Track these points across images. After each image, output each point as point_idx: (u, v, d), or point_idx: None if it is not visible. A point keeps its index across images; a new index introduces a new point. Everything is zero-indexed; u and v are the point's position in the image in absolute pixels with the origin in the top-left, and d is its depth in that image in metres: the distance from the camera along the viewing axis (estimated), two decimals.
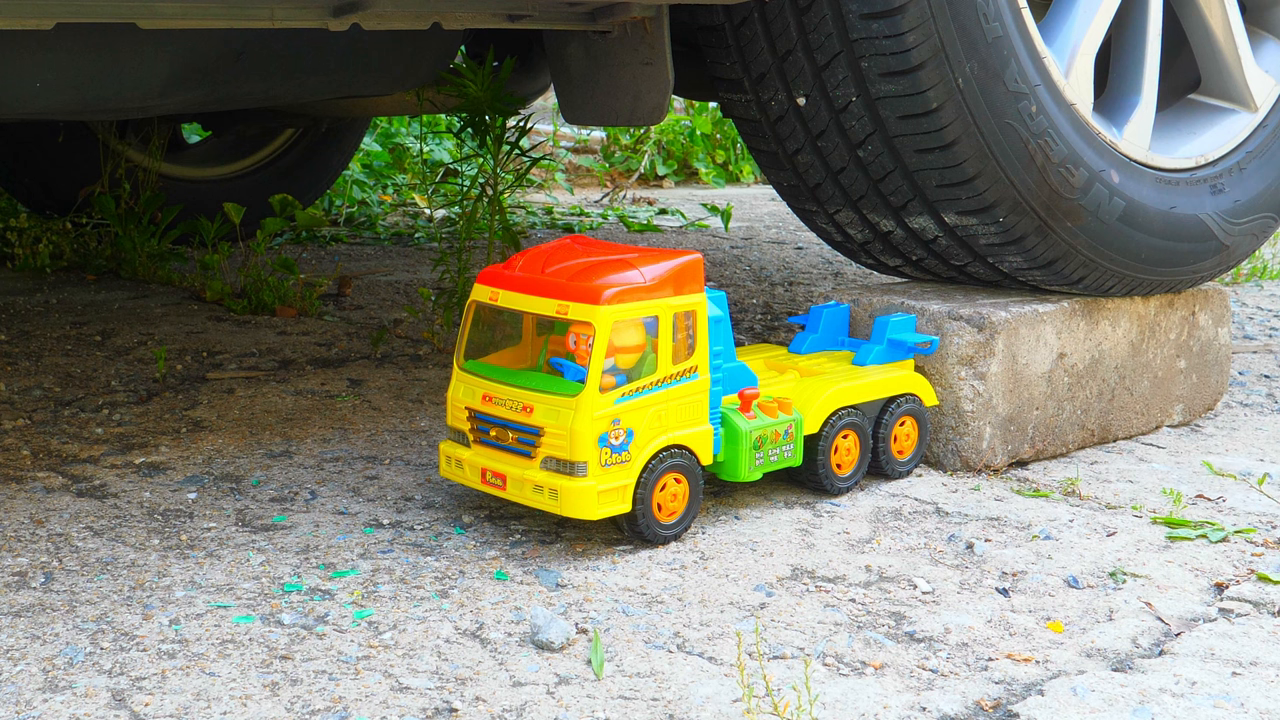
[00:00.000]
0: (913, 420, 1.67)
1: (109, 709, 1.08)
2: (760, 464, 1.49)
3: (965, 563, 1.44)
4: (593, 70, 1.77)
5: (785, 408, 1.52)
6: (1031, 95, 1.67)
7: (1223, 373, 2.01)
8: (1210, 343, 1.98)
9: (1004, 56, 1.64)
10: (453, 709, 1.10)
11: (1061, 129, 1.70)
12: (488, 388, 1.44)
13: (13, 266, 2.89)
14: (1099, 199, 1.73)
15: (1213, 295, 1.98)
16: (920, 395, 1.67)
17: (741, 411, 1.49)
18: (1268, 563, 1.46)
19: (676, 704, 1.12)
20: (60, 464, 1.66)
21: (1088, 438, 1.83)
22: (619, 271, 1.40)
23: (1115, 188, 1.75)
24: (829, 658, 1.21)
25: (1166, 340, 1.91)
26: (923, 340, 1.68)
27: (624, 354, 1.38)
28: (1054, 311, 1.76)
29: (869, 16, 1.59)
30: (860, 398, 1.60)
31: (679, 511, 1.44)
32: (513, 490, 1.41)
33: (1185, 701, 1.15)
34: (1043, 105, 1.68)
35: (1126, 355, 1.86)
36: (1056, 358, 1.77)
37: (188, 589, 1.31)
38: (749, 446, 1.48)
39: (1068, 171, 1.70)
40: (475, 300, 1.47)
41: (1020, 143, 1.66)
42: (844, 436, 1.59)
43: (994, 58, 1.63)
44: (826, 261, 3.32)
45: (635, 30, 1.70)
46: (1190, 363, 1.95)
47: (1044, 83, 1.68)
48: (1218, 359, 2.00)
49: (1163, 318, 1.90)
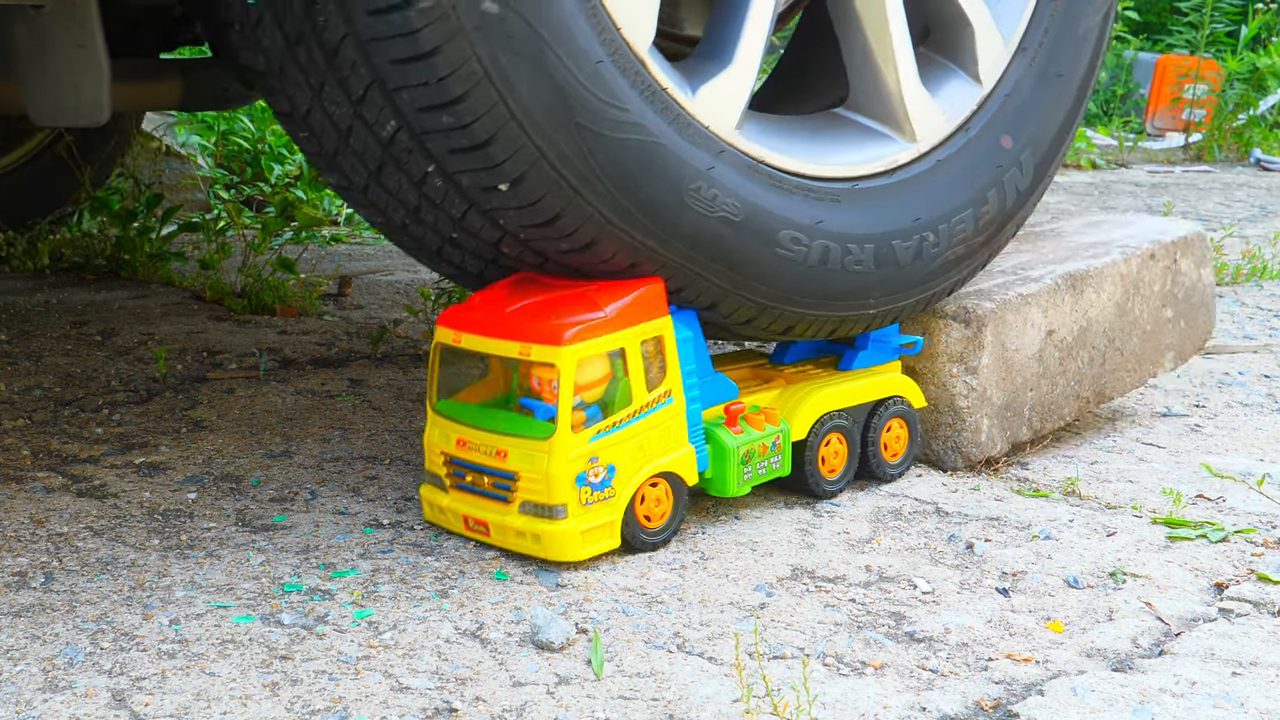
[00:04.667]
0: (902, 422, 1.66)
1: (109, 709, 1.08)
2: (749, 478, 1.49)
3: (965, 563, 1.44)
4: (40, 56, 1.49)
5: (771, 418, 1.51)
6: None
7: (1209, 313, 2.01)
8: (1195, 285, 1.97)
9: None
10: (453, 709, 1.10)
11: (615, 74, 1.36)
12: (461, 432, 1.42)
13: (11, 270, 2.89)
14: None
15: (1191, 239, 1.96)
16: (908, 397, 1.66)
17: (728, 426, 1.48)
18: (1268, 563, 1.46)
19: (676, 704, 1.12)
20: (60, 464, 1.66)
21: (1083, 405, 1.83)
22: (579, 309, 1.37)
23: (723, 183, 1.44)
24: (829, 658, 1.21)
25: (1151, 294, 1.90)
26: (907, 341, 1.67)
27: (591, 389, 1.36)
28: (1039, 291, 1.75)
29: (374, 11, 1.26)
30: (846, 402, 1.59)
31: (665, 515, 1.44)
32: (496, 537, 1.40)
33: (1185, 701, 1.15)
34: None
35: (1113, 318, 1.85)
36: (1045, 335, 1.76)
37: (188, 589, 1.31)
38: (737, 462, 1.47)
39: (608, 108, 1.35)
40: (439, 342, 1.44)
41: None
42: (831, 441, 1.58)
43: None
44: None
45: (65, 3, 1.42)
46: (1177, 309, 1.95)
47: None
48: (1203, 300, 1.99)
49: (1145, 272, 1.89)
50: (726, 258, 1.44)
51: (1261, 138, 6.33)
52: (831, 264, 1.52)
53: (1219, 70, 6.36)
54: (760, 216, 1.46)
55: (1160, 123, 6.76)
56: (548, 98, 1.29)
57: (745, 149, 1.47)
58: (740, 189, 1.45)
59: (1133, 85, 6.93)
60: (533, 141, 1.30)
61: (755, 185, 1.47)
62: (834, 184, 1.55)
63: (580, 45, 1.31)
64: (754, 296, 1.48)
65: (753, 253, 1.46)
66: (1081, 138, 5.83)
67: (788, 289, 1.50)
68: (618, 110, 1.34)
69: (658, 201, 1.38)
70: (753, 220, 1.45)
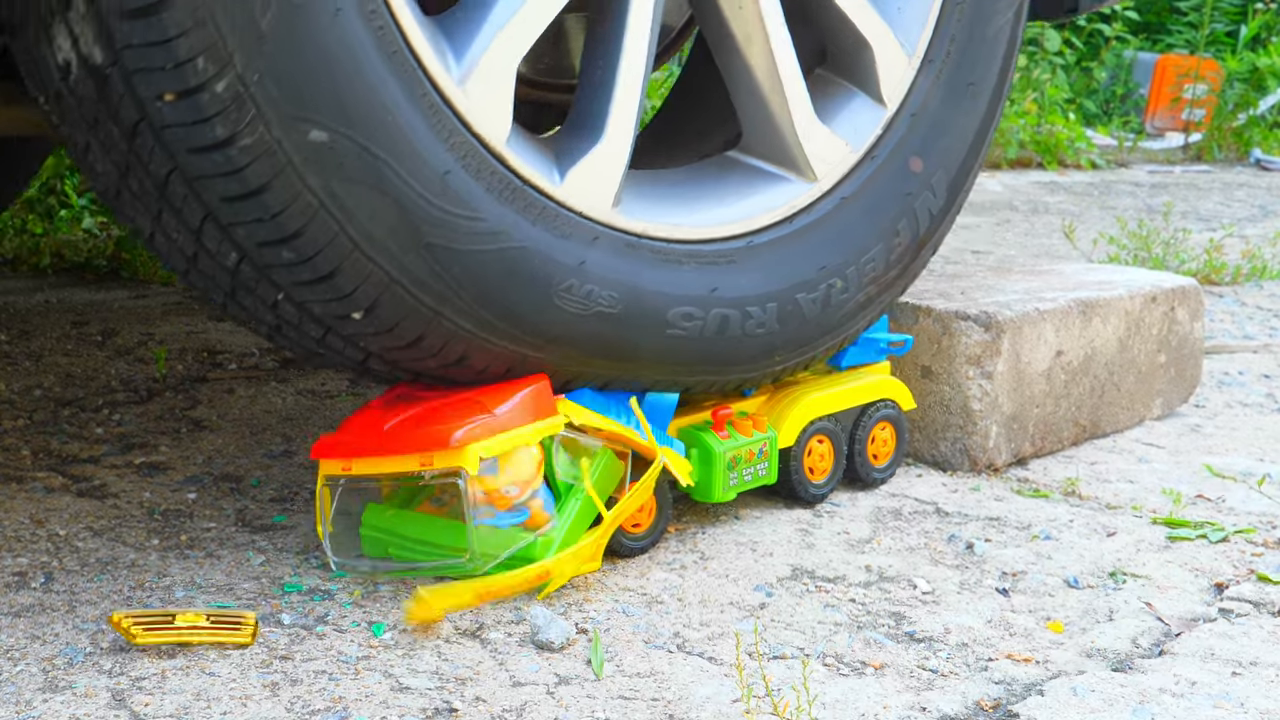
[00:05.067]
0: (890, 426, 1.65)
1: (109, 709, 1.08)
2: (735, 484, 1.46)
3: (965, 563, 1.44)
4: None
5: (759, 425, 1.49)
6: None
7: (1197, 365, 2.03)
8: (1186, 337, 1.99)
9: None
10: (453, 709, 1.10)
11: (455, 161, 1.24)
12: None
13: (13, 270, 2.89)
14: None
15: (1189, 290, 1.99)
16: (897, 400, 1.65)
17: (715, 430, 1.46)
18: (1268, 563, 1.46)
19: (676, 704, 1.12)
20: (60, 464, 1.66)
21: (1080, 434, 1.84)
22: (472, 412, 1.29)
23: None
24: (829, 658, 1.21)
25: (1150, 336, 1.92)
26: (896, 339, 1.66)
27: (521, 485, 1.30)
28: (1054, 310, 1.77)
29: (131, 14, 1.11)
30: (834, 407, 1.58)
31: (645, 525, 1.42)
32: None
33: (1185, 701, 1.15)
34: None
35: (1115, 352, 1.87)
36: (1055, 355, 1.77)
37: (188, 589, 1.31)
38: (723, 467, 1.45)
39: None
40: (326, 475, 1.33)
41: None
42: (819, 442, 1.57)
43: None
44: None
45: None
46: (1170, 357, 1.97)
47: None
48: (1193, 352, 2.02)
49: (1147, 313, 1.91)
50: (609, 351, 1.36)
51: (1261, 138, 6.33)
52: (731, 332, 1.43)
53: (1219, 70, 6.36)
54: (645, 300, 1.36)
55: (1160, 123, 6.76)
56: (392, 221, 1.20)
57: (624, 226, 1.36)
58: (619, 274, 1.35)
59: (1132, 85, 6.93)
60: (381, 268, 1.21)
61: (637, 265, 1.36)
62: (728, 244, 1.44)
63: (424, 158, 1.20)
64: (647, 376, 1.41)
65: (639, 340, 1.37)
66: (1081, 138, 5.83)
67: (683, 365, 1.42)
68: (472, 221, 1.24)
69: (526, 309, 1.29)
70: (636, 306, 1.36)
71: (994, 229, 3.95)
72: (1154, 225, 3.54)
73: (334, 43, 1.15)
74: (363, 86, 1.17)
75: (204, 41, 1.10)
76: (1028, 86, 5.84)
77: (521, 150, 1.29)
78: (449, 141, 1.23)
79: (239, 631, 1.19)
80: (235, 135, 1.13)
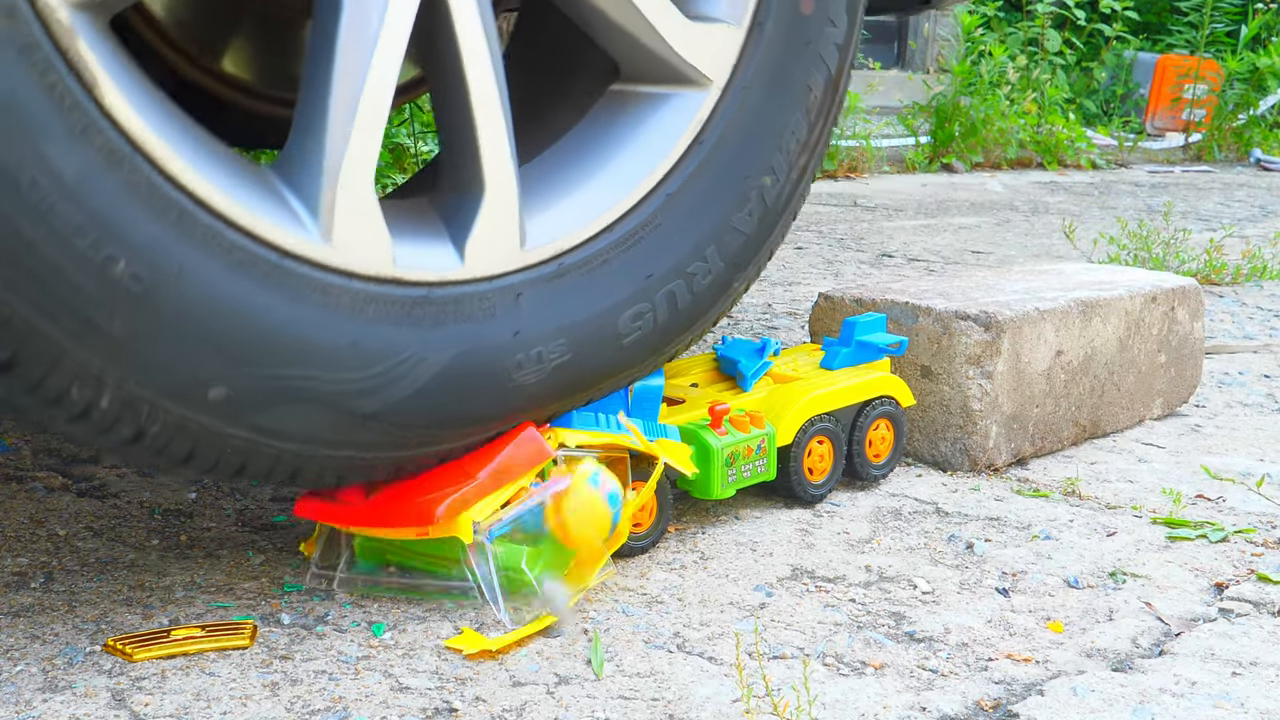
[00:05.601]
0: (888, 423, 1.65)
1: (109, 709, 1.08)
2: (733, 480, 1.46)
3: (965, 563, 1.44)
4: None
5: (757, 421, 1.49)
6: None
7: (1197, 366, 2.03)
8: (1187, 336, 2.00)
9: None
10: (453, 709, 1.10)
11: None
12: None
13: None
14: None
15: (1189, 290, 1.99)
16: (897, 396, 1.65)
17: (712, 427, 1.46)
18: (1268, 563, 1.46)
19: (676, 704, 1.12)
20: (60, 464, 1.66)
21: (1079, 434, 1.85)
22: (455, 479, 1.26)
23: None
24: (829, 658, 1.21)
25: (1150, 335, 1.92)
26: (893, 341, 1.65)
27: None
28: (1054, 310, 1.77)
29: None
30: (834, 405, 1.57)
31: (646, 524, 1.42)
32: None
33: (1185, 701, 1.15)
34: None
35: (1115, 351, 1.87)
36: (1055, 355, 1.77)
37: (187, 589, 1.31)
38: (721, 464, 1.44)
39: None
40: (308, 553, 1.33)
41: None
42: (818, 443, 1.57)
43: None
44: (827, 263, 3.32)
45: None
46: (1170, 357, 1.97)
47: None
48: (1193, 353, 2.02)
49: (1147, 313, 1.91)
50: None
51: (1261, 138, 6.33)
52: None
53: (1219, 70, 6.37)
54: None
55: (1160, 123, 6.76)
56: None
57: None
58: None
59: (1133, 85, 6.94)
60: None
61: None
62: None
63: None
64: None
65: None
66: (1081, 138, 5.84)
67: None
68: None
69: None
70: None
71: (994, 229, 3.95)
72: (1154, 225, 3.54)
73: None
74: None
75: None
76: (1028, 86, 5.84)
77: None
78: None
79: (238, 635, 1.19)
80: None
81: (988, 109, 5.47)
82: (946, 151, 5.46)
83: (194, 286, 1.05)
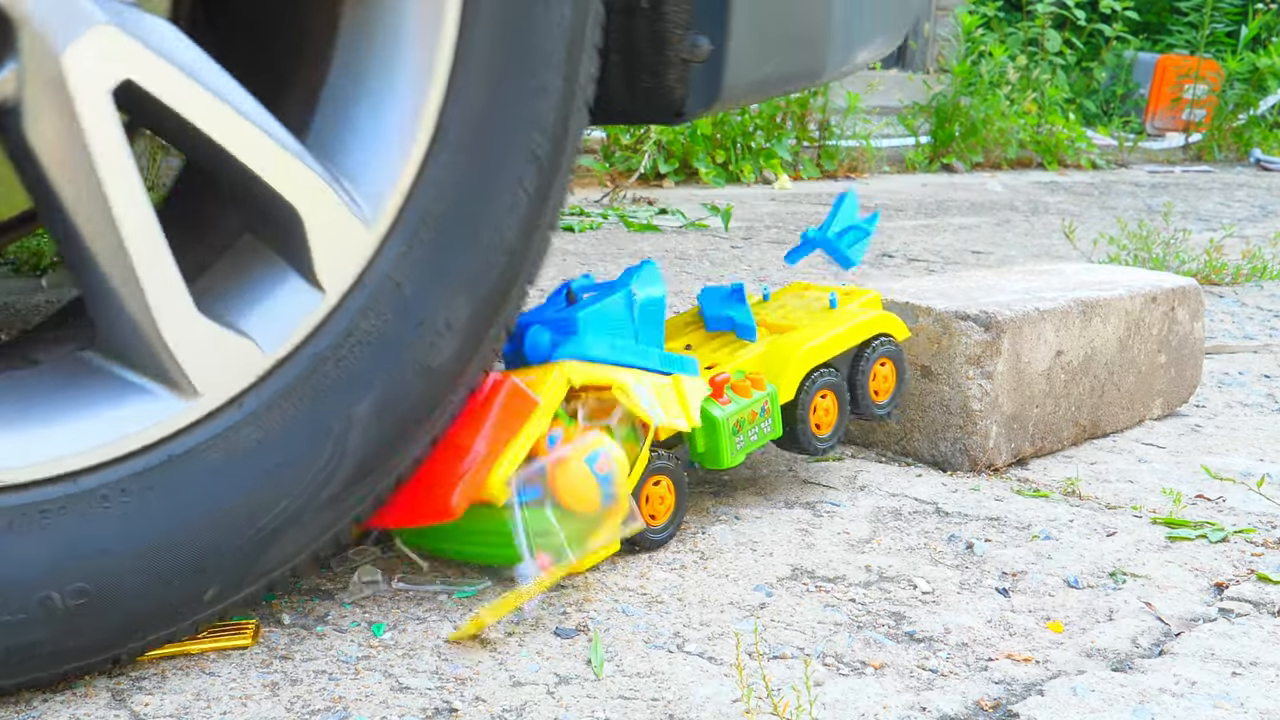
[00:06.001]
0: (889, 361, 1.63)
1: (109, 709, 1.08)
2: (741, 446, 1.46)
3: (965, 563, 1.44)
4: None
5: (758, 384, 1.49)
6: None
7: (1197, 366, 2.03)
8: (1187, 337, 2.00)
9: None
10: (453, 709, 1.10)
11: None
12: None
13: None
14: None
15: (1189, 291, 1.99)
16: (892, 333, 1.63)
17: (714, 397, 1.46)
18: (1268, 563, 1.46)
19: (676, 704, 1.12)
20: None
21: (1079, 434, 1.85)
22: (458, 459, 1.26)
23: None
24: (829, 658, 1.21)
25: (1150, 336, 1.92)
26: (868, 220, 1.66)
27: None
28: (1054, 310, 1.77)
29: None
30: (832, 352, 1.56)
31: (663, 517, 1.43)
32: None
33: (1185, 701, 1.15)
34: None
35: (1115, 351, 1.87)
36: (1054, 355, 1.77)
37: None
38: (728, 434, 1.45)
39: None
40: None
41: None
42: (822, 397, 1.56)
43: None
44: (828, 262, 3.32)
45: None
46: (1170, 357, 1.97)
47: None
48: (1194, 353, 2.02)
49: (1147, 313, 1.91)
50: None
51: (1261, 138, 6.33)
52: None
53: (1219, 70, 6.37)
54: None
55: (1160, 123, 6.77)
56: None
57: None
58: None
59: (1133, 85, 6.94)
60: None
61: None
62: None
63: None
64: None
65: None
66: (1081, 138, 5.84)
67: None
68: None
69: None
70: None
71: (994, 229, 3.95)
72: (1154, 225, 3.54)
73: None
74: None
75: None
76: (1028, 86, 5.84)
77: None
78: None
79: (240, 634, 1.19)
80: None
81: (988, 109, 5.47)
82: (946, 151, 5.46)
83: None
